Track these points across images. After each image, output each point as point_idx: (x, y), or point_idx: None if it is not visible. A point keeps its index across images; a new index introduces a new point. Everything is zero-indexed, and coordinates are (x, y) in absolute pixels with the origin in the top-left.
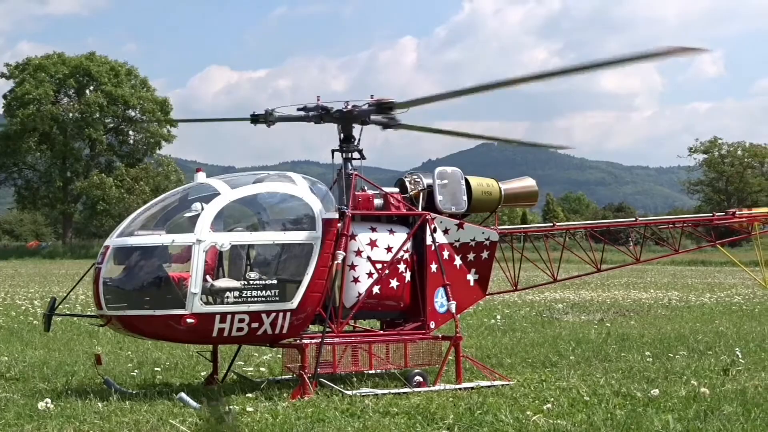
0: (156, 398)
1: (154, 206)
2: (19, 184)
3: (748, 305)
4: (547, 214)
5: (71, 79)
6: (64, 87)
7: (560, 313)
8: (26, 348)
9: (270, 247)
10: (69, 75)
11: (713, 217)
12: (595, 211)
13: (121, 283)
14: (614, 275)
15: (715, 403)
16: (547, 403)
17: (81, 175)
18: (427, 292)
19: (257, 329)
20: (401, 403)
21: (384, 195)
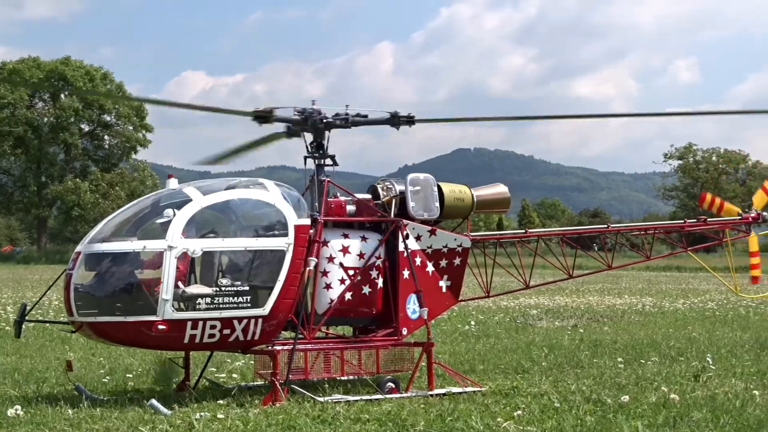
0: (127, 405)
1: (125, 212)
2: None
3: (721, 311)
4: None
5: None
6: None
7: (534, 319)
8: None
9: (242, 254)
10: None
11: (684, 224)
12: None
13: (92, 289)
14: (589, 281)
15: (684, 410)
16: (518, 409)
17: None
18: (400, 299)
19: (229, 336)
20: (373, 409)
21: (356, 201)
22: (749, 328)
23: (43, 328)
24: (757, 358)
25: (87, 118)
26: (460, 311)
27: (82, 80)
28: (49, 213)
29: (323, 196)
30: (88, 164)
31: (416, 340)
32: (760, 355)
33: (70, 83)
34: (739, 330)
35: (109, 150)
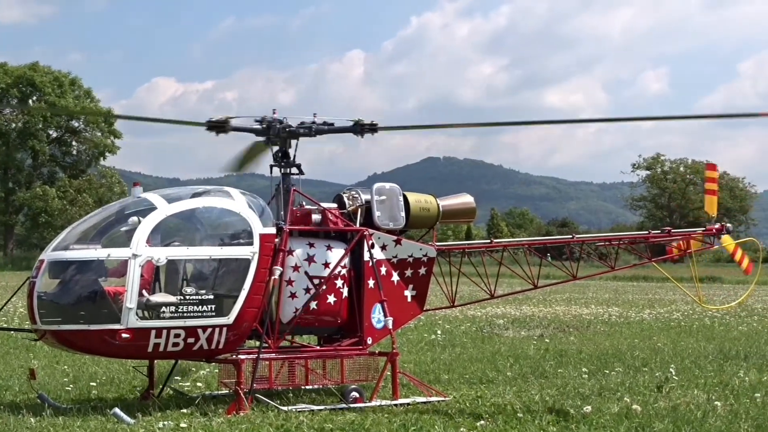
0: (90, 414)
1: (90, 220)
2: None
3: (686, 321)
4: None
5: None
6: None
7: (501, 329)
8: None
9: (206, 262)
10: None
11: (649, 235)
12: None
13: (55, 297)
14: (556, 291)
15: (646, 421)
16: (482, 419)
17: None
18: (365, 308)
19: (193, 344)
20: (337, 419)
21: (322, 210)
22: (714, 339)
23: (6, 336)
24: (721, 369)
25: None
26: (426, 320)
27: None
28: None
29: (289, 205)
30: (56, 170)
31: (381, 350)
32: (723, 365)
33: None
34: (704, 340)
35: (77, 156)
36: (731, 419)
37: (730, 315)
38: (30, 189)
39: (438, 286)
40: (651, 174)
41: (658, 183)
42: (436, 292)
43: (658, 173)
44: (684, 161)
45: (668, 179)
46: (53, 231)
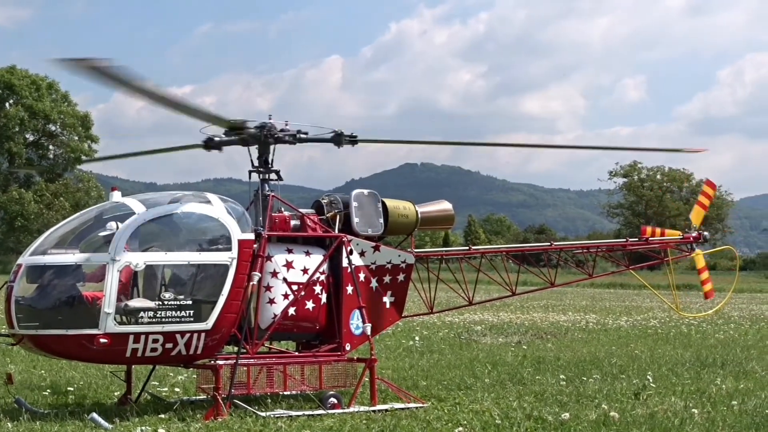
0: (68, 419)
1: (68, 224)
2: None
3: (663, 329)
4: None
5: None
6: None
7: (478, 335)
8: None
9: (185, 268)
10: None
11: (627, 242)
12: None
13: (33, 302)
14: (534, 297)
15: (624, 428)
16: (460, 426)
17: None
18: (343, 314)
19: (171, 350)
20: (315, 425)
21: (301, 216)
22: (690, 346)
23: None
24: (698, 377)
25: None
26: (404, 327)
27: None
28: None
29: (267, 210)
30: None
31: (359, 356)
32: (700, 373)
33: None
34: (681, 348)
35: (53, 160)
36: (708, 427)
37: (707, 323)
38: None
39: (416, 293)
40: (628, 181)
41: (635, 190)
42: (414, 299)
43: (635, 181)
44: (661, 169)
45: (645, 187)
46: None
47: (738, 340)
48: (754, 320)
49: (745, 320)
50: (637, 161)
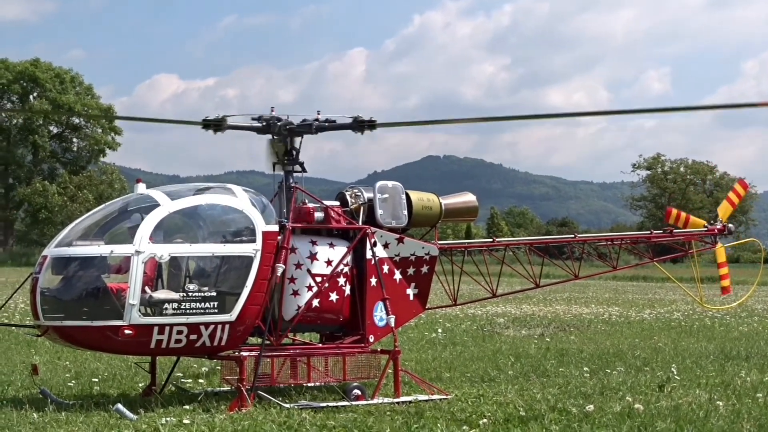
0: (92, 409)
1: (93, 216)
2: None
3: (687, 322)
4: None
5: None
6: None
7: (501, 328)
8: None
9: (209, 259)
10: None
11: (651, 235)
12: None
13: (58, 293)
14: (556, 290)
15: (648, 420)
16: (484, 418)
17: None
18: (367, 306)
19: (196, 341)
20: (339, 416)
21: (324, 208)
22: (714, 339)
23: (8, 332)
24: (722, 369)
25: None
26: (427, 319)
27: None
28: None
29: (291, 202)
30: (56, 166)
31: (383, 348)
32: (724, 365)
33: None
34: (705, 341)
35: (77, 153)
36: (733, 419)
37: (731, 315)
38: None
39: (439, 285)
40: (651, 174)
41: (659, 183)
42: (437, 291)
43: (658, 173)
44: (684, 161)
45: (668, 179)
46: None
47: (762, 333)
48: None
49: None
50: (661, 153)
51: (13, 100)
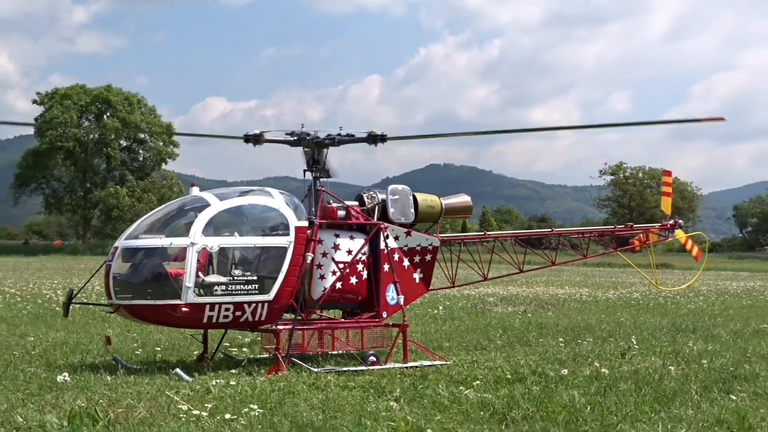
0: (156, 373)
1: (155, 214)
2: (47, 193)
3: (644, 300)
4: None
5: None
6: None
7: (491, 305)
8: (49, 330)
9: (251, 249)
10: (90, 103)
11: (614, 229)
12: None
13: (127, 277)
14: (536, 275)
15: (612, 382)
16: (477, 380)
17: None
18: (381, 288)
19: (240, 317)
20: (358, 378)
21: (346, 207)
22: (667, 315)
23: (86, 309)
24: (673, 340)
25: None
26: (430, 298)
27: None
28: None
29: (319, 202)
30: (126, 173)
31: (394, 322)
32: (675, 337)
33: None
34: (659, 316)
35: (143, 162)
36: (683, 381)
37: (681, 296)
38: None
39: (440, 270)
40: (615, 179)
41: (621, 186)
42: (438, 275)
43: (620, 178)
44: (642, 168)
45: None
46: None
47: (706, 310)
48: (720, 294)
49: (712, 294)
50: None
51: (90, 119)
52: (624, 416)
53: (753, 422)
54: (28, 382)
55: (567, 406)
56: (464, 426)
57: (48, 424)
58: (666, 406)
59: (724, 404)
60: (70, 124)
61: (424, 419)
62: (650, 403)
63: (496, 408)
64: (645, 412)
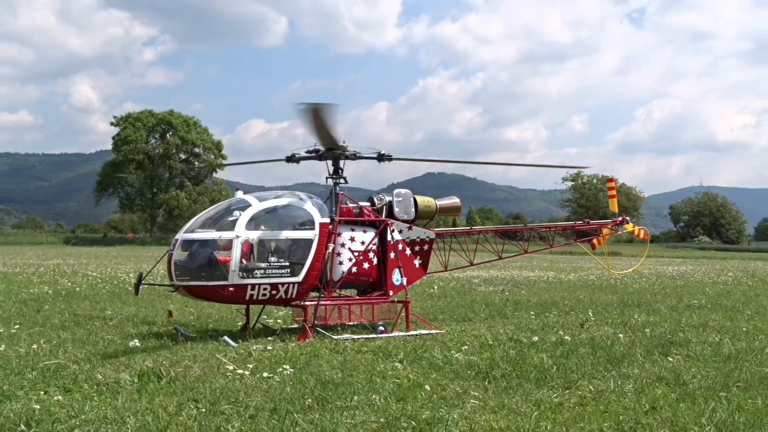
0: (208, 340)
1: (208, 213)
2: (121, 196)
3: (598, 281)
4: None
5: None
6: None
7: (476, 286)
8: (123, 305)
9: (285, 241)
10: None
11: (575, 225)
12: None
13: (185, 263)
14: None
15: (574, 346)
16: (465, 345)
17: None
18: (388, 272)
19: (276, 295)
20: (369, 344)
21: (360, 207)
22: (616, 293)
23: (153, 289)
24: (622, 313)
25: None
26: (427, 280)
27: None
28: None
29: (338, 203)
30: (184, 180)
31: (399, 299)
32: (623, 311)
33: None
34: (610, 294)
35: (198, 171)
36: (630, 346)
37: (628, 278)
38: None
39: (436, 257)
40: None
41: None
42: (434, 261)
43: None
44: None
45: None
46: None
47: (648, 289)
48: (658, 276)
49: (652, 276)
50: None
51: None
52: (583, 374)
53: (686, 379)
54: (106, 347)
55: (537, 366)
56: (455, 382)
57: (122, 380)
58: (616, 366)
59: (663, 365)
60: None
61: (423, 377)
62: (604, 364)
63: (481, 368)
64: (600, 371)
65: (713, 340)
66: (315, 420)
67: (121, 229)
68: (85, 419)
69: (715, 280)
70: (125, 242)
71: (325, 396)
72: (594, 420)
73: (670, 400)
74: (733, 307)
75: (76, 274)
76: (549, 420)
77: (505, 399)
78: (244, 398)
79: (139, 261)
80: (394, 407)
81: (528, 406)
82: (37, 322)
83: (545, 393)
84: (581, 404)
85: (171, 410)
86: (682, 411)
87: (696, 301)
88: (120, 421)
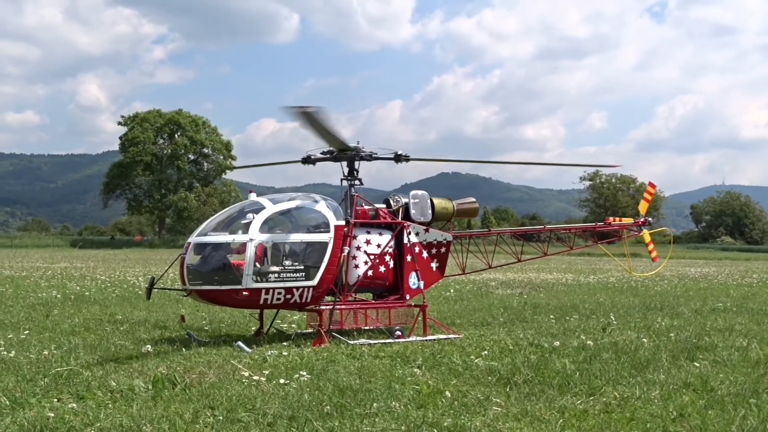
0: (222, 345)
1: (220, 215)
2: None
3: (619, 284)
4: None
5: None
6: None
7: (493, 289)
8: (134, 310)
9: (299, 244)
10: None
11: (596, 225)
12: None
13: (198, 267)
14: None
15: (596, 351)
16: (485, 350)
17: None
18: (404, 275)
19: (290, 299)
20: (386, 349)
21: (375, 209)
22: (638, 296)
23: (164, 293)
24: (644, 317)
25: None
26: (444, 283)
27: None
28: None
29: (353, 205)
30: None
31: (416, 303)
32: (646, 314)
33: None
34: (632, 297)
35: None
36: (655, 351)
37: (650, 280)
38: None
39: (453, 260)
40: (592, 183)
41: (597, 189)
42: (451, 264)
43: (597, 183)
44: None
45: (604, 187)
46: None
47: (671, 292)
48: (681, 278)
49: (675, 278)
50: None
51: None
52: (607, 380)
53: (714, 385)
54: (118, 353)
55: (560, 372)
56: (476, 388)
57: (136, 387)
58: (641, 371)
59: (689, 370)
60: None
61: (443, 383)
62: (628, 369)
63: (502, 374)
64: (624, 377)
65: (740, 344)
66: (335, 428)
67: (129, 232)
68: (100, 427)
69: (740, 282)
70: (133, 245)
71: (344, 403)
72: (620, 428)
73: (698, 407)
74: (759, 310)
75: (84, 277)
76: (574, 428)
77: (528, 406)
78: (261, 405)
79: (148, 264)
80: (414, 414)
81: (552, 414)
82: (46, 327)
83: (569, 399)
84: (606, 411)
85: (187, 418)
86: (711, 418)
87: (721, 304)
88: (136, 429)
